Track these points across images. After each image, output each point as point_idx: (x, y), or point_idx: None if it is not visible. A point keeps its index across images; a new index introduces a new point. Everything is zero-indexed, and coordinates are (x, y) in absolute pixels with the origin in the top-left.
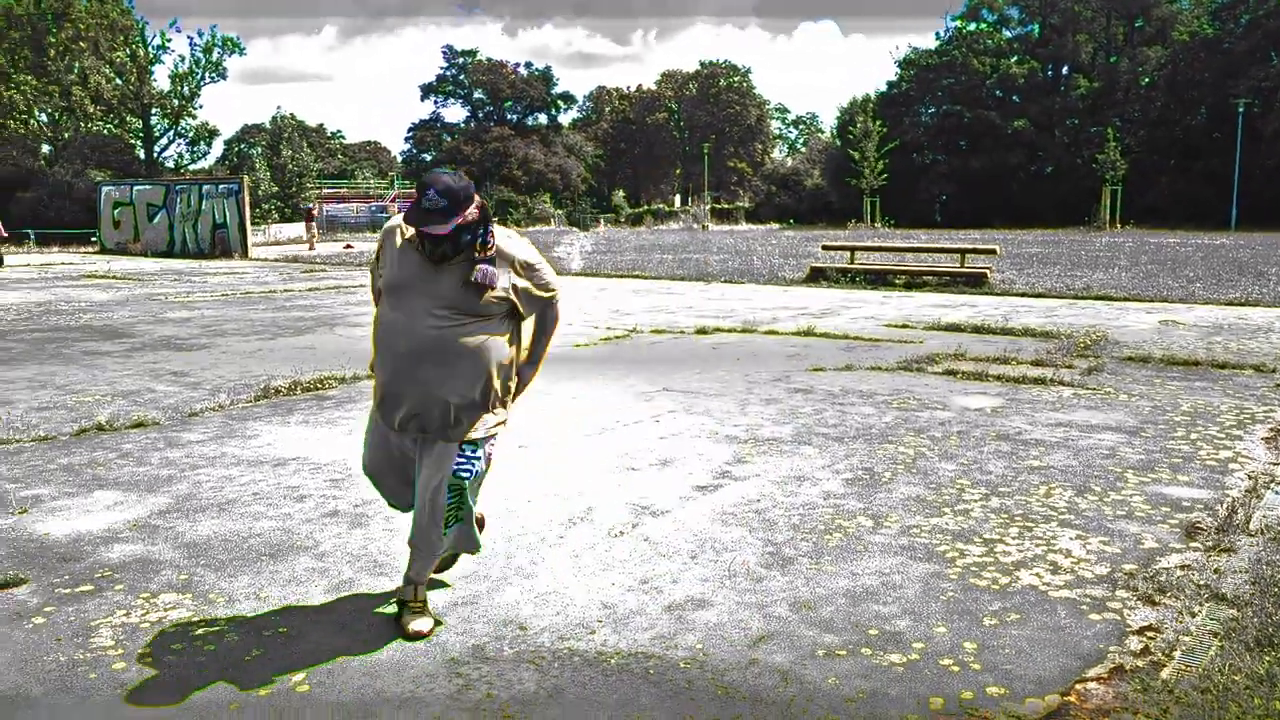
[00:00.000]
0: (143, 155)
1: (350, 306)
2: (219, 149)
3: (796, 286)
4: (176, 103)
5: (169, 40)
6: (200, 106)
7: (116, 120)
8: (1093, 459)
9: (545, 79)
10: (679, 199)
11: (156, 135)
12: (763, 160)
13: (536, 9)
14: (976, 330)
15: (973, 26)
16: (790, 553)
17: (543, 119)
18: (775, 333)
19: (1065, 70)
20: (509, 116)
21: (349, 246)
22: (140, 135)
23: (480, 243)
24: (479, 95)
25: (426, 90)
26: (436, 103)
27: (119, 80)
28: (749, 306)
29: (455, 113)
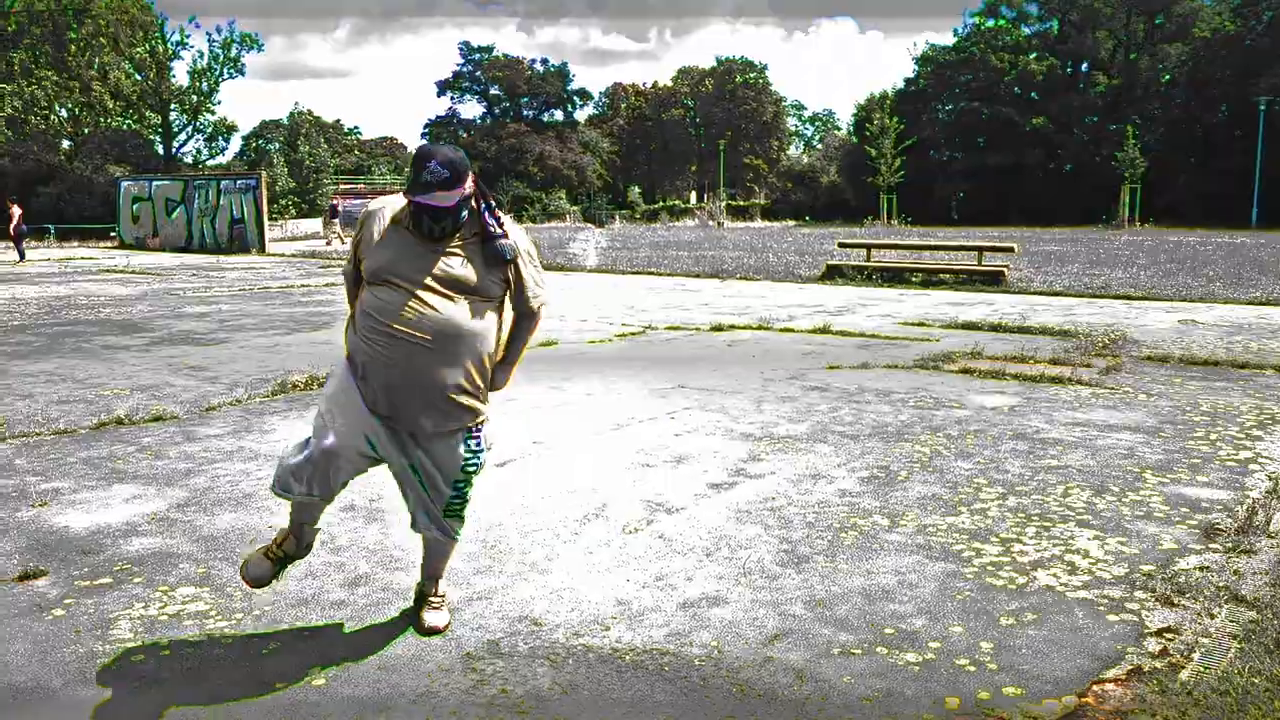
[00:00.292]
0: (161, 151)
1: None
2: (237, 145)
3: (812, 284)
4: (195, 98)
5: (188, 36)
6: (219, 102)
7: (136, 116)
8: (1111, 459)
9: (561, 75)
10: (694, 196)
11: (175, 131)
12: (779, 157)
13: (553, 5)
14: (994, 329)
15: (991, 23)
16: (805, 551)
17: (558, 115)
18: (791, 330)
19: (1084, 67)
20: (525, 113)
21: None
22: (159, 131)
23: (494, 220)
24: (495, 91)
25: (443, 86)
26: (453, 99)
27: (139, 76)
28: (765, 304)
29: (471, 109)
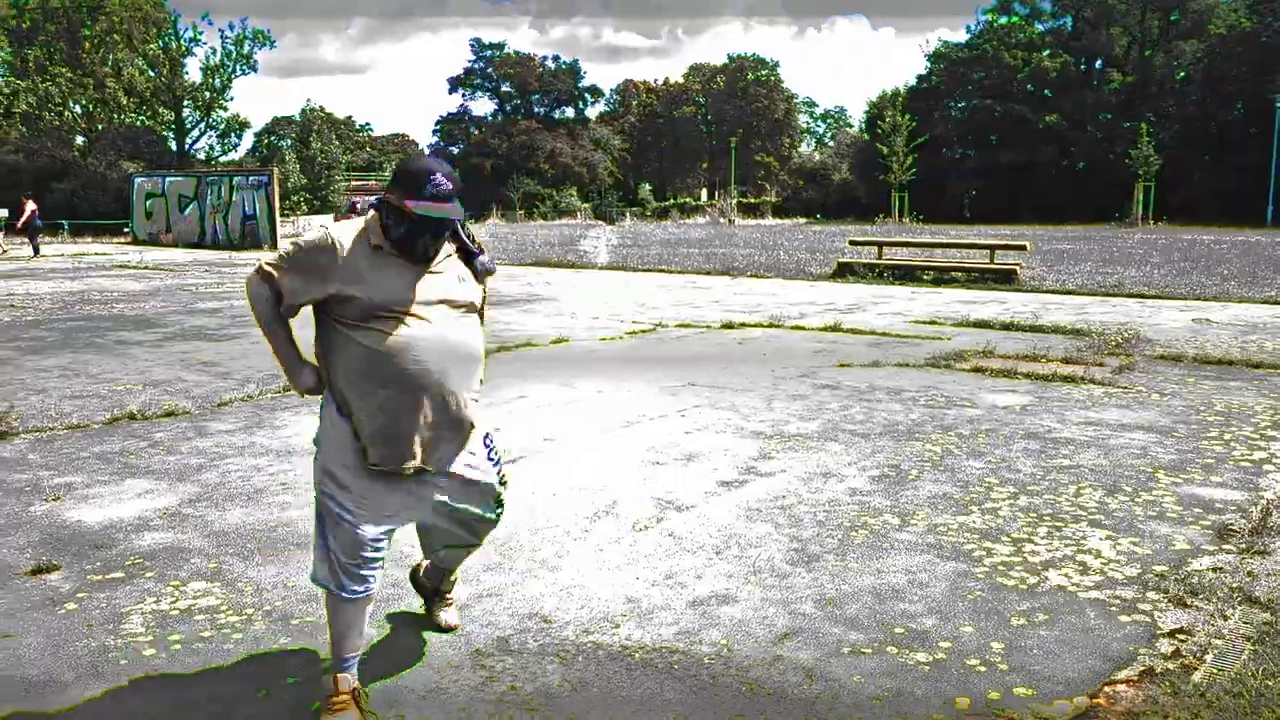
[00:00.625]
0: (174, 147)
1: None
2: (249, 141)
3: (823, 282)
4: (208, 95)
5: (201, 33)
6: (231, 99)
7: (149, 112)
8: (1123, 458)
9: (573, 72)
10: (705, 193)
11: (188, 127)
12: (790, 154)
13: (565, 3)
14: (1006, 327)
15: (1005, 20)
16: (816, 549)
17: (570, 112)
18: (802, 328)
19: (1099, 64)
20: (536, 110)
21: None
22: (172, 127)
23: (467, 235)
24: (506, 88)
25: (454, 83)
26: (464, 96)
27: (152, 72)
28: (775, 301)
29: (483, 105)
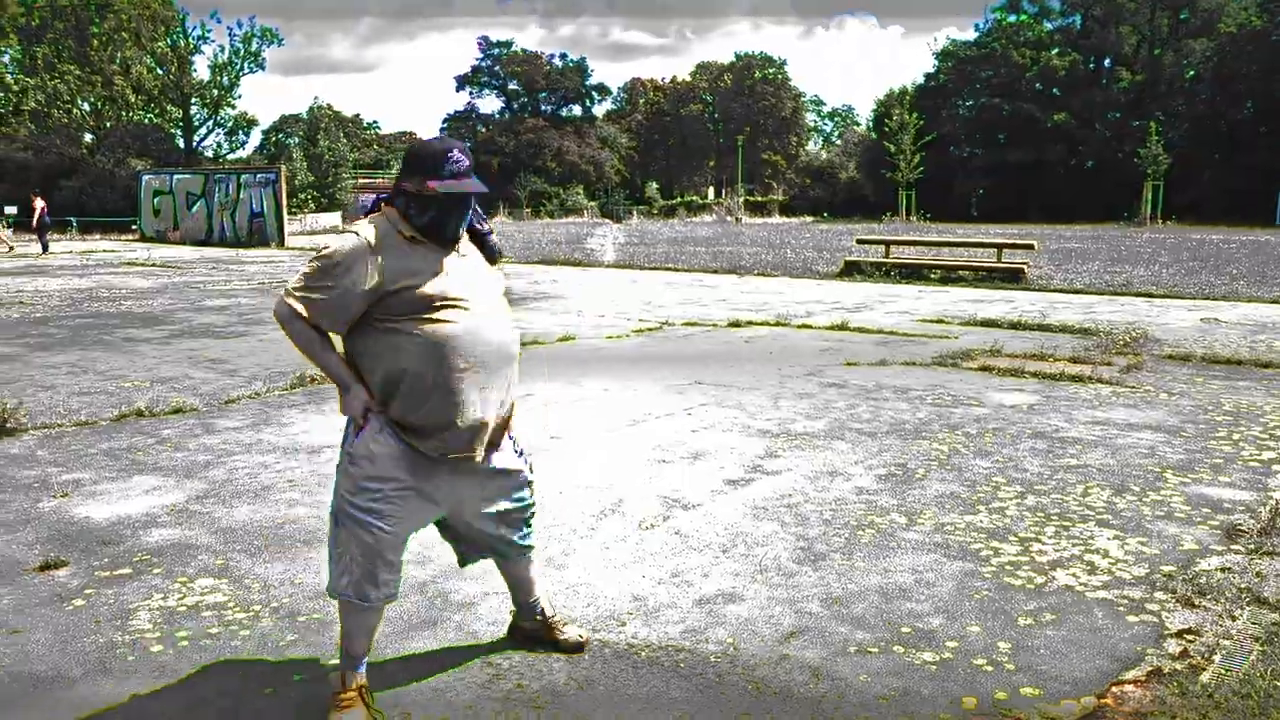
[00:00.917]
0: (182, 144)
1: None
2: (257, 139)
3: (830, 280)
4: (216, 93)
5: (209, 31)
6: (239, 96)
7: (157, 110)
8: (1131, 458)
9: (580, 70)
10: (712, 191)
11: (196, 125)
12: (797, 153)
13: (573, 2)
14: (1013, 326)
15: (1013, 18)
16: (822, 548)
17: (577, 110)
18: (809, 326)
19: (1107, 63)
20: (543, 108)
21: None
22: (180, 125)
23: (475, 217)
24: (514, 86)
25: (462, 81)
26: (471, 94)
27: (160, 70)
28: (782, 300)
29: (490, 103)
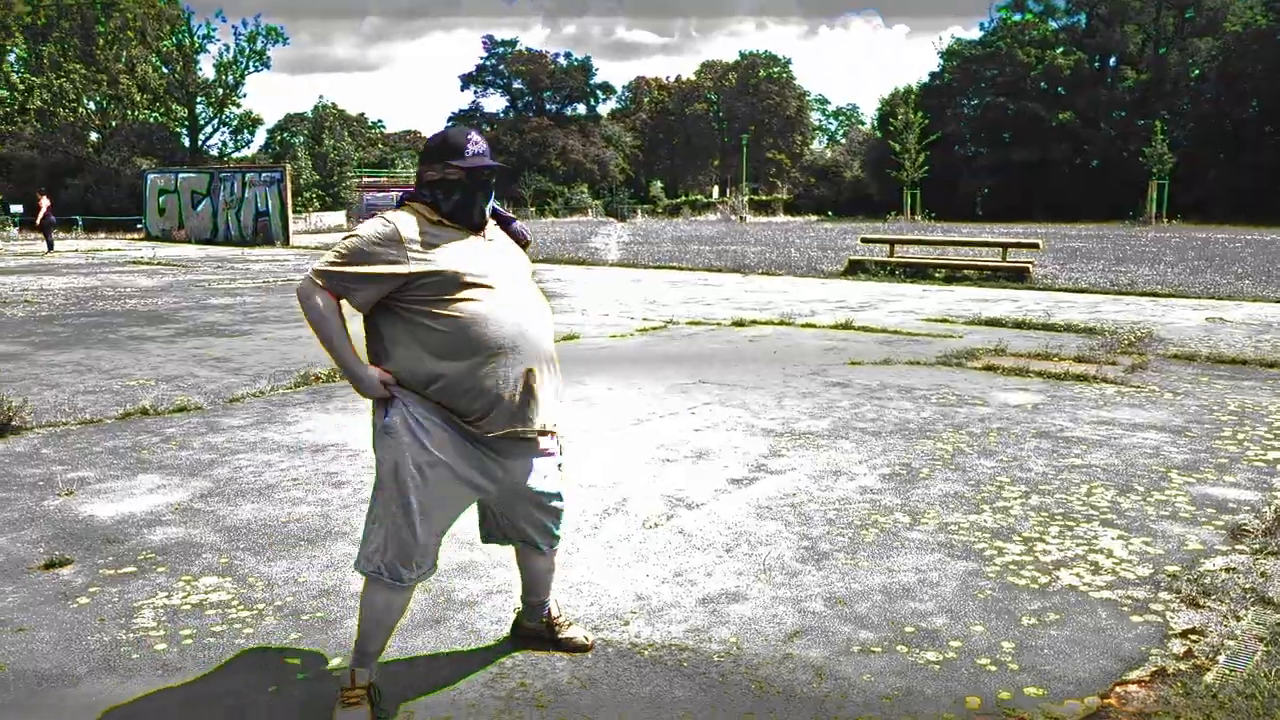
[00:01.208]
0: (187, 143)
1: None
2: (262, 138)
3: (835, 279)
4: (221, 91)
5: (214, 29)
6: (244, 95)
7: (162, 109)
8: (1136, 458)
9: (584, 69)
10: (717, 190)
11: (201, 123)
12: (802, 152)
13: (577, 1)
14: (1018, 325)
15: (1018, 17)
16: (826, 547)
17: (581, 109)
18: (813, 325)
19: (1113, 62)
20: (548, 107)
21: None
22: (185, 123)
23: (498, 205)
24: (518, 85)
25: (466, 80)
26: (476, 93)
27: (165, 69)
28: (786, 299)
29: (495, 102)
